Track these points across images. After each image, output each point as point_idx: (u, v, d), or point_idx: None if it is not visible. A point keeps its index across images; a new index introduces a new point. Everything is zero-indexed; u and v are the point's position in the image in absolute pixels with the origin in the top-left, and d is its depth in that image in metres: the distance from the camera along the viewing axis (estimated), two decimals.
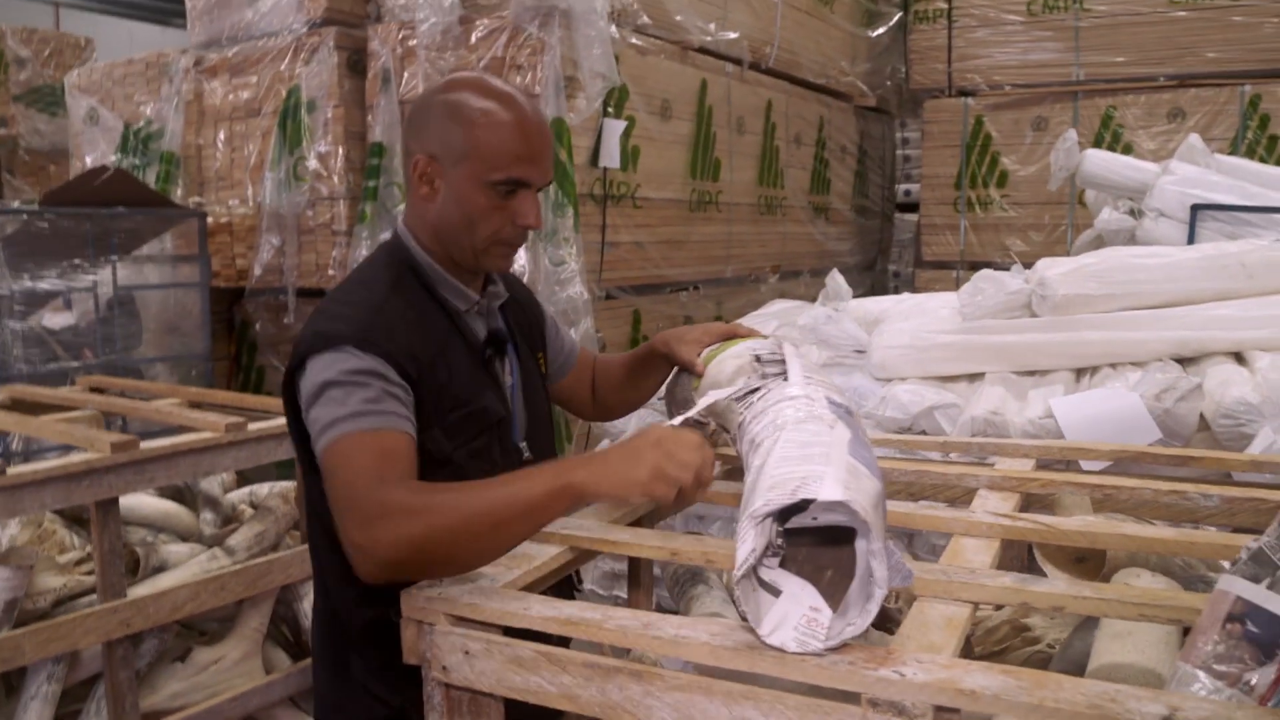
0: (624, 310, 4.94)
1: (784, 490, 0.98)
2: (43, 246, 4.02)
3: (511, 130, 1.37)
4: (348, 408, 1.27)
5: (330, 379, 1.29)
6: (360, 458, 1.23)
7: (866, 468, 1.04)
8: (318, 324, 1.36)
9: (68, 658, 2.06)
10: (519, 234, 1.44)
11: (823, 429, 1.11)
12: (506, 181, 1.38)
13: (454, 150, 1.37)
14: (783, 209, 6.09)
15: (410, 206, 1.47)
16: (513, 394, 1.54)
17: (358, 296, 1.40)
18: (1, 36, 8.29)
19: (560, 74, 4.14)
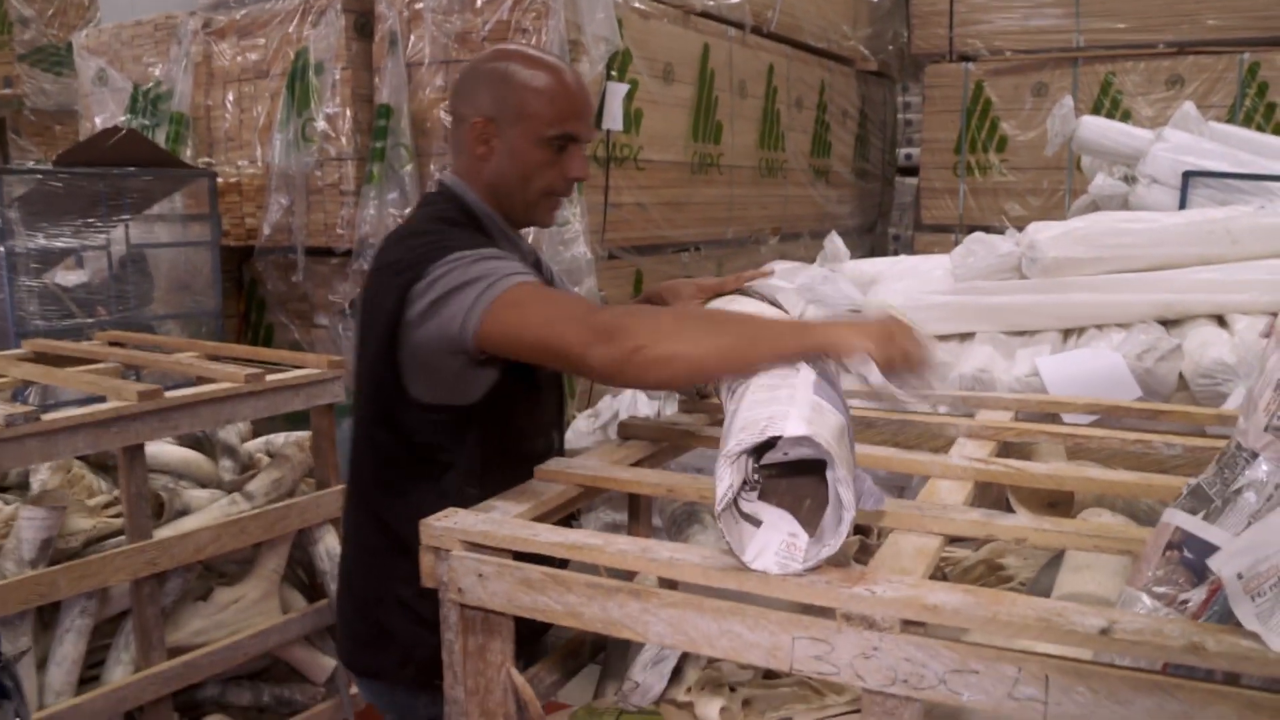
0: (627, 270, 5.03)
1: (754, 430, 1.08)
2: (56, 206, 4.11)
3: (562, 90, 1.52)
4: (511, 265, 1.38)
5: (474, 257, 1.39)
6: (556, 293, 1.36)
7: (830, 405, 1.14)
8: (436, 243, 1.44)
9: (99, 594, 2.17)
10: (568, 186, 1.59)
11: (789, 372, 1.21)
12: (560, 137, 1.52)
13: (510, 110, 1.51)
14: (783, 172, 6.16)
15: (462, 166, 1.59)
16: None
17: (450, 230, 1.51)
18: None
19: (565, 37, 4.20)
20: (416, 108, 4.60)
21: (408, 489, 1.57)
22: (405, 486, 1.57)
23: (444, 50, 4.48)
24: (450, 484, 1.54)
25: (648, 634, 1.12)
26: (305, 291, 4.94)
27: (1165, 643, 0.91)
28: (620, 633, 1.14)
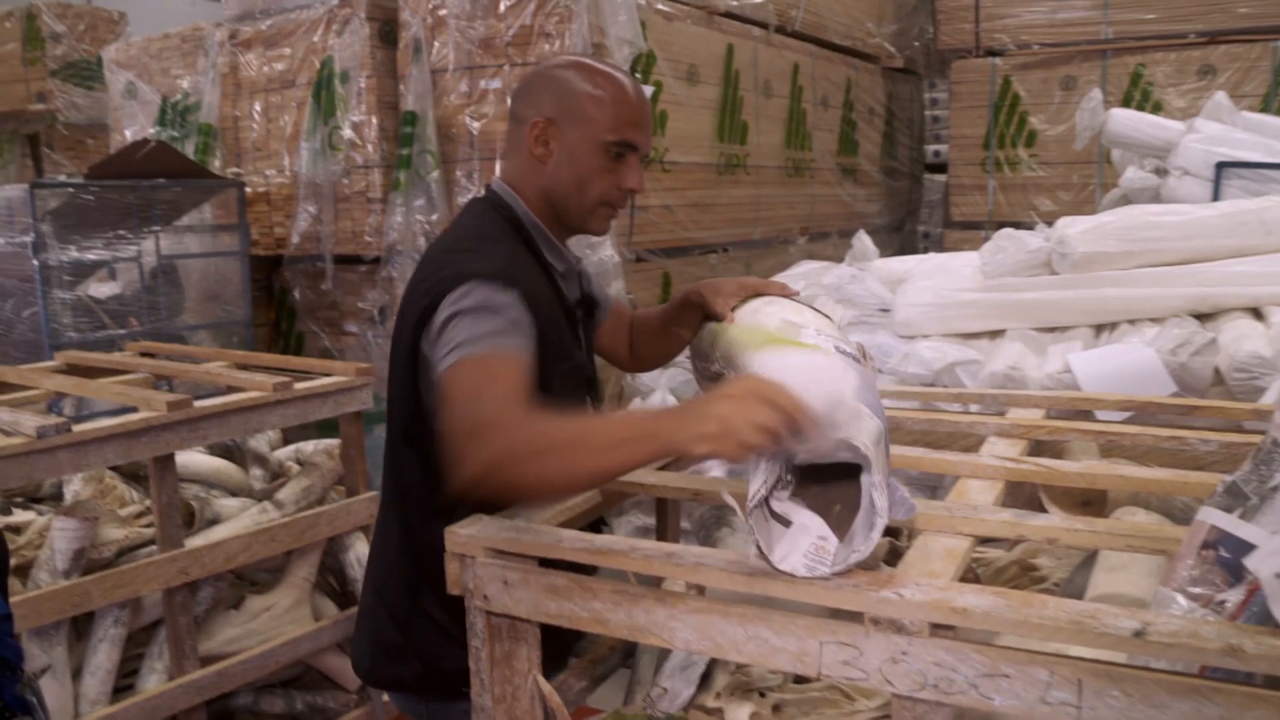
0: (654, 272, 5.02)
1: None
2: (88, 218, 4.15)
3: (624, 98, 1.51)
4: (474, 332, 1.34)
5: (464, 308, 1.37)
6: (473, 377, 1.30)
7: (870, 409, 1.13)
8: (456, 266, 1.43)
9: (131, 604, 2.19)
10: (623, 196, 1.56)
11: (837, 374, 1.20)
12: (620, 143, 1.50)
13: (571, 113, 1.50)
14: (810, 171, 6.12)
15: (516, 168, 1.56)
16: (588, 354, 1.67)
17: (488, 245, 1.49)
18: (37, 13, 8.42)
19: (588, 41, 4.20)
20: (441, 114, 4.61)
21: (429, 511, 1.53)
22: (427, 508, 1.54)
23: (468, 56, 4.49)
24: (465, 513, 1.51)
25: (674, 640, 1.11)
26: (334, 299, 4.97)
27: (1202, 645, 0.89)
28: (646, 639, 1.13)
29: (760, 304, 1.53)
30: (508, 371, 1.33)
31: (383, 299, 4.87)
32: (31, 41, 8.47)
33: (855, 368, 1.23)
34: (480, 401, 1.26)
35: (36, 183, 3.96)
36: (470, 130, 4.55)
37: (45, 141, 8.53)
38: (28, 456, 1.96)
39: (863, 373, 1.23)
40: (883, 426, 1.13)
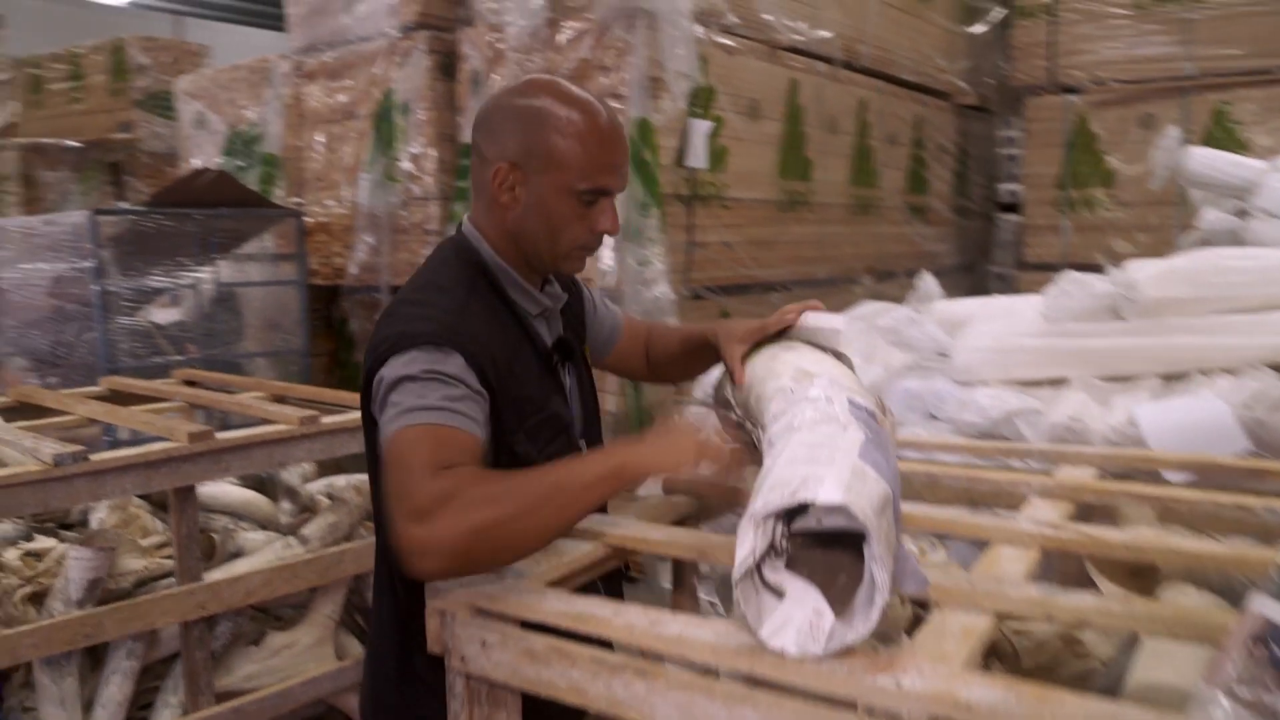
0: (713, 310, 4.93)
1: (783, 492, 0.97)
2: (148, 245, 4.21)
3: (597, 139, 1.38)
4: (422, 401, 1.25)
5: (409, 374, 1.28)
6: (422, 449, 1.21)
7: (876, 470, 1.03)
8: (398, 325, 1.34)
9: (147, 636, 2.15)
10: (597, 240, 1.45)
11: (835, 431, 1.10)
12: (592, 191, 1.39)
13: (539, 159, 1.37)
14: (878, 209, 6.00)
15: (483, 211, 1.46)
16: (571, 396, 1.56)
17: (437, 298, 1.39)
18: (124, 45, 8.68)
19: (645, 75, 4.16)
20: None
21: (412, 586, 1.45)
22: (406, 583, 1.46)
23: None
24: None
25: (654, 718, 1.01)
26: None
27: None
28: (625, 714, 1.03)
29: (779, 349, 1.43)
30: (463, 444, 1.25)
31: None
32: (118, 73, 8.74)
33: (865, 425, 1.12)
34: (432, 473, 1.17)
35: (98, 209, 4.02)
36: None
37: (127, 169, 8.77)
38: (44, 484, 1.94)
39: (875, 431, 1.13)
40: (890, 491, 1.03)
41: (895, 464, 1.14)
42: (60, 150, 8.42)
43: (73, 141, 8.53)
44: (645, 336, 1.78)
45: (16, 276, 4.39)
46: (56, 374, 4.30)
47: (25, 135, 8.65)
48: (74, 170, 8.65)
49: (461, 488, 1.16)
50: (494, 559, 1.18)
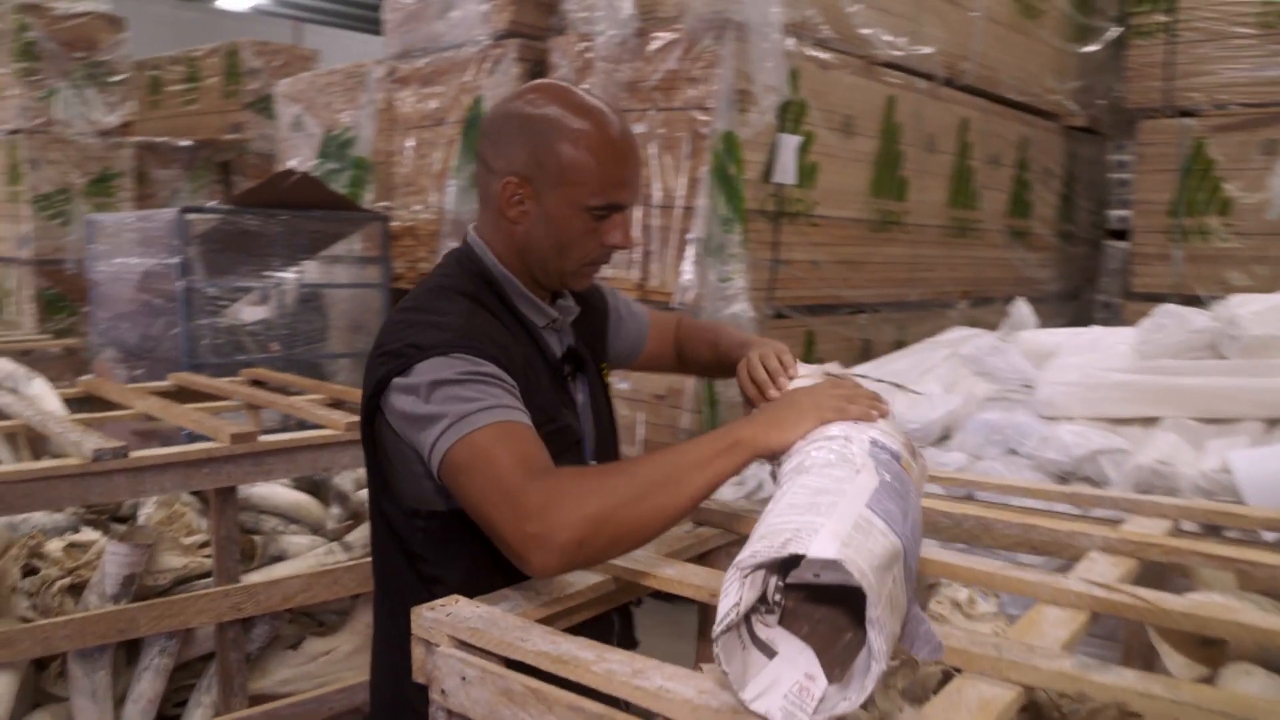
0: (797, 330, 4.81)
1: (774, 542, 0.88)
2: (236, 244, 4.27)
3: (610, 152, 1.31)
4: (474, 404, 1.20)
5: (444, 379, 1.22)
6: (504, 448, 1.16)
7: (886, 521, 0.92)
8: (406, 338, 1.28)
9: (181, 635, 2.14)
10: (607, 255, 1.39)
11: (847, 474, 1.00)
12: (604, 206, 1.33)
13: (549, 173, 1.31)
14: (976, 232, 5.80)
15: (489, 223, 1.40)
16: (583, 412, 1.49)
17: (443, 308, 1.33)
18: (238, 49, 8.94)
19: (733, 87, 4.07)
20: None
21: (404, 592, 1.40)
22: (402, 589, 1.41)
23: (613, 100, 4.43)
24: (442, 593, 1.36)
25: None
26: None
27: None
28: None
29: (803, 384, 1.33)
30: (535, 439, 1.20)
31: None
32: (231, 76, 9.00)
33: (883, 469, 1.02)
34: (532, 472, 1.14)
35: (187, 207, 4.10)
36: None
37: (237, 169, 9.01)
38: (83, 478, 1.93)
39: (896, 476, 1.02)
40: (900, 545, 0.92)
41: (916, 514, 1.03)
42: (173, 149, 8.68)
43: (185, 141, 8.79)
44: (674, 333, 1.71)
45: (111, 270, 4.51)
46: (142, 366, 4.40)
47: (142, 134, 8.95)
48: (185, 169, 8.91)
49: (571, 480, 1.13)
50: (613, 547, 1.13)
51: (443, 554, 1.35)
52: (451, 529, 1.32)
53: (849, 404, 1.18)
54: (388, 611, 1.43)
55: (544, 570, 1.11)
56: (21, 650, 1.89)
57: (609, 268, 4.55)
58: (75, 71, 7.58)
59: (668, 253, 4.40)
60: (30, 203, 7.10)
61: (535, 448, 1.18)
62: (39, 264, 7.07)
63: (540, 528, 1.09)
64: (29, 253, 7.06)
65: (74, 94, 7.57)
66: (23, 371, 2.67)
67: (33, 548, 2.07)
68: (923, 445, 3.14)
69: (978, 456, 3.02)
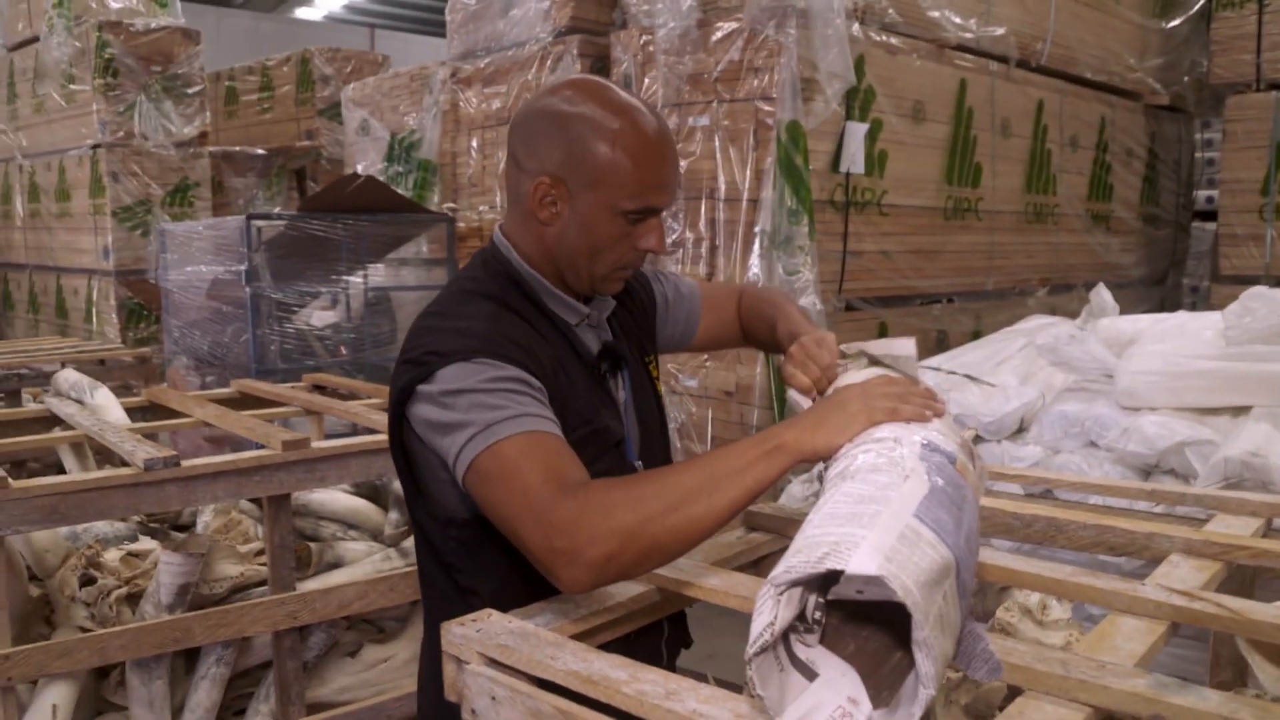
0: (868, 323, 4.70)
1: (810, 556, 0.80)
2: (299, 250, 4.30)
3: (648, 154, 1.25)
4: (501, 412, 1.14)
5: (469, 386, 1.17)
6: (532, 459, 1.11)
7: (936, 532, 0.84)
8: (428, 344, 1.23)
9: (237, 643, 2.13)
10: (640, 258, 1.33)
11: (894, 480, 0.92)
12: (640, 210, 1.27)
13: (585, 174, 1.25)
14: (1054, 217, 5.61)
15: (518, 223, 1.33)
16: (626, 410, 1.42)
17: (466, 312, 1.28)
18: (310, 57, 9.06)
19: (797, 76, 3.98)
20: None
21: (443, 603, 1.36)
22: (441, 600, 1.37)
23: (676, 93, 4.37)
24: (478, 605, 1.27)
25: None
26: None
27: None
28: None
29: (859, 373, 1.25)
30: (565, 450, 1.15)
31: None
32: (304, 83, 9.13)
33: (936, 474, 0.94)
34: (561, 484, 1.08)
35: (252, 214, 4.13)
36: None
37: (310, 175, 9.14)
38: (135, 488, 1.93)
39: (950, 481, 0.94)
40: (953, 558, 0.84)
41: (973, 521, 0.95)
42: (248, 157, 8.84)
43: (259, 149, 8.95)
44: (736, 307, 1.63)
45: (182, 279, 4.57)
46: (213, 373, 4.45)
47: (219, 144, 9.13)
48: (260, 176, 9.06)
49: (603, 492, 1.08)
50: (645, 561, 1.07)
51: (477, 564, 1.30)
52: (484, 538, 1.26)
53: (901, 404, 1.09)
54: (430, 623, 1.38)
55: (574, 587, 1.06)
56: (79, 660, 1.89)
57: (676, 264, 4.52)
58: (153, 85, 7.74)
59: (734, 247, 4.33)
60: (112, 215, 7.28)
61: (564, 459, 1.13)
62: (121, 274, 7.23)
63: (568, 543, 1.04)
64: (111, 264, 7.24)
65: (152, 107, 7.73)
66: (88, 381, 2.70)
67: (90, 558, 2.08)
68: (997, 439, 3.02)
69: (1055, 450, 2.89)
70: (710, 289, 1.65)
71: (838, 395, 1.13)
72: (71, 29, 7.82)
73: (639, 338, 1.50)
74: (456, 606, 1.31)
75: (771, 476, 1.06)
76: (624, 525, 1.03)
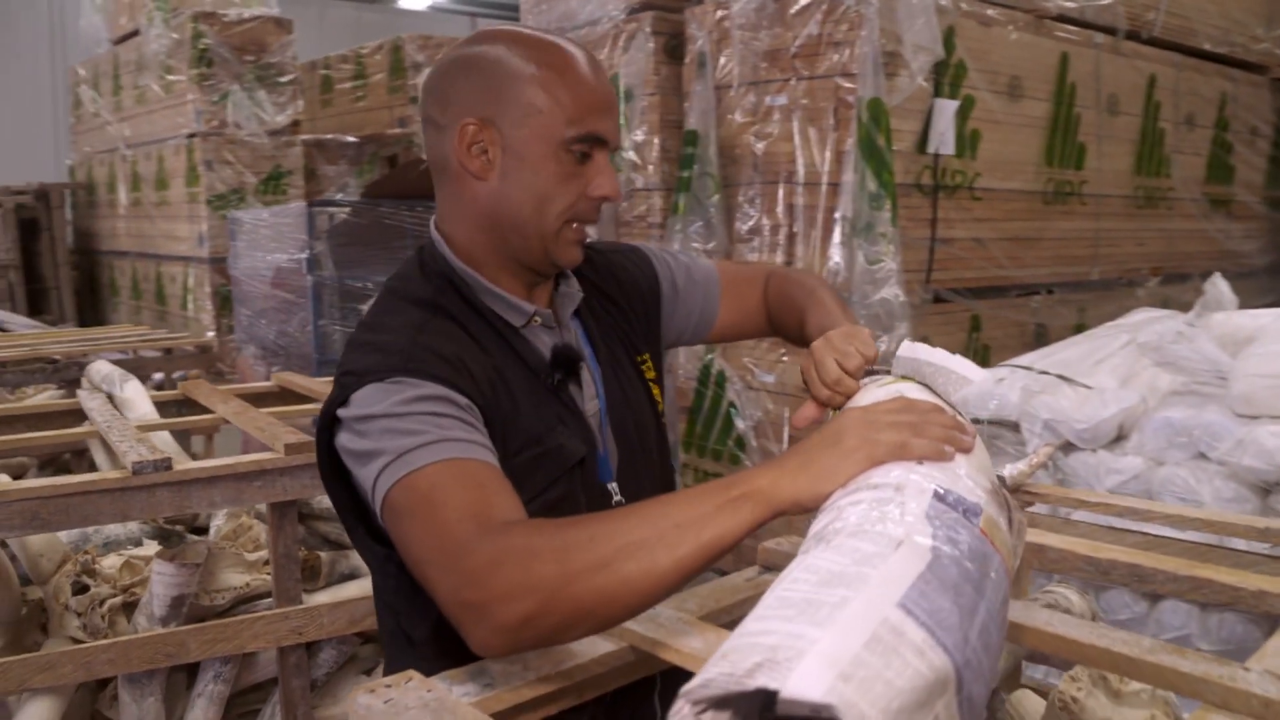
0: (959, 315, 4.39)
1: (739, 665, 0.59)
2: (366, 238, 4.19)
3: (579, 75, 1.12)
4: (416, 438, 0.98)
5: (381, 411, 1.01)
6: (450, 493, 0.95)
7: (927, 629, 0.62)
8: (347, 363, 1.09)
9: (238, 659, 1.99)
10: (594, 209, 1.16)
11: (881, 549, 0.69)
12: (584, 138, 1.12)
13: (514, 108, 1.10)
14: (1168, 202, 5.20)
15: (447, 200, 1.18)
16: (600, 422, 1.22)
17: (390, 323, 1.13)
18: (402, 44, 9.05)
19: (879, 50, 3.69)
20: (724, 133, 4.28)
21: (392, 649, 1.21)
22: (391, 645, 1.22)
23: (753, 70, 4.13)
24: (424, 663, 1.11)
25: None
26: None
27: None
28: None
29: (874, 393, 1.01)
30: (491, 479, 0.97)
31: None
32: (396, 71, 9.13)
33: (943, 538, 0.70)
34: (480, 523, 0.91)
35: (313, 200, 4.04)
36: (754, 151, 4.18)
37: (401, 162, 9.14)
38: (123, 493, 1.80)
39: (965, 547, 0.71)
40: (951, 667, 0.62)
41: (995, 604, 0.71)
42: (340, 145, 8.86)
43: (351, 137, 8.97)
44: (762, 292, 1.42)
45: (249, 267, 4.52)
46: (279, 363, 4.38)
47: (316, 132, 9.19)
48: (352, 164, 9.08)
49: (525, 535, 0.89)
50: (571, 627, 0.89)
51: (413, 606, 1.13)
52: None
53: (915, 436, 0.86)
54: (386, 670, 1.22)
55: (485, 649, 0.89)
56: (62, 674, 1.78)
57: (753, 252, 4.29)
58: (247, 74, 7.81)
59: (814, 234, 4.08)
60: (206, 203, 7.35)
61: (489, 490, 0.95)
62: (214, 262, 7.29)
63: (479, 596, 0.87)
64: (206, 251, 7.31)
65: (245, 96, 7.79)
66: (119, 373, 2.61)
67: (85, 564, 1.96)
68: (1092, 448, 2.72)
69: (1158, 462, 2.59)
70: (732, 271, 1.45)
71: (836, 423, 0.91)
72: (169, 21, 7.94)
73: (627, 335, 1.30)
74: (404, 652, 1.16)
75: (736, 532, 0.85)
76: (544, 581, 0.85)
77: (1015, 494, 1.53)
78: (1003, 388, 2.87)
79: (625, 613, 0.88)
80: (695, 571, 0.86)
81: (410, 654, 1.14)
